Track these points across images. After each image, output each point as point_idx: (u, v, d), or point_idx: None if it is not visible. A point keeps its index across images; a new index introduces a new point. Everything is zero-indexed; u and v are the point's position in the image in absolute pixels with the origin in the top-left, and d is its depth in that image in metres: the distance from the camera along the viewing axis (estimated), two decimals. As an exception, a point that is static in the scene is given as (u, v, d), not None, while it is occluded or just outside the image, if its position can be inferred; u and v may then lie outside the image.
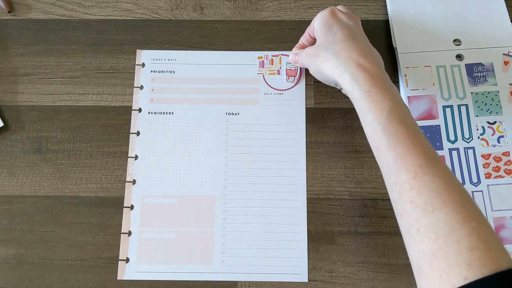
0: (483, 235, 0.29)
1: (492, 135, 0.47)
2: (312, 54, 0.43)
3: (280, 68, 0.51)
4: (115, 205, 0.47)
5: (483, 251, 0.28)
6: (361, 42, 0.40)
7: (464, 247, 0.29)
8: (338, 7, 0.45)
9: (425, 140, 0.35)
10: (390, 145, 0.34)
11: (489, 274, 0.27)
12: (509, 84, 0.48)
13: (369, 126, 0.36)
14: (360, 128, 0.49)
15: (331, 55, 0.40)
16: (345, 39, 0.40)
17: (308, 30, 0.47)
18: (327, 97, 0.50)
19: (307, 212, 0.46)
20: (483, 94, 0.48)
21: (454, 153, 0.47)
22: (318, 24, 0.43)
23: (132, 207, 0.47)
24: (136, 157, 0.48)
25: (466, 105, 0.48)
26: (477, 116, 0.48)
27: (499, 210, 0.45)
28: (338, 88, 0.45)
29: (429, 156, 0.33)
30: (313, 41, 0.47)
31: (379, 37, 0.52)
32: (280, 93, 0.50)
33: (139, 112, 0.50)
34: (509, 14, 0.50)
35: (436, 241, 0.30)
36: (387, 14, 0.52)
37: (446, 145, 0.47)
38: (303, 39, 0.48)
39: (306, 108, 0.50)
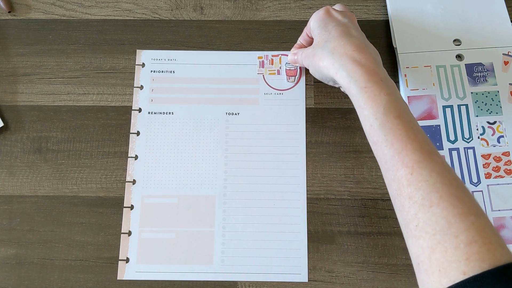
0: (481, 229, 0.29)
1: (492, 135, 0.47)
2: (310, 54, 0.43)
3: (280, 68, 0.51)
4: (115, 205, 0.47)
5: (481, 245, 0.28)
6: (356, 38, 0.40)
7: (462, 241, 0.29)
8: (335, 6, 0.45)
9: (422, 134, 0.35)
10: (387, 141, 0.34)
11: (488, 268, 0.27)
12: (509, 84, 0.48)
13: (366, 122, 0.36)
14: (360, 128, 0.49)
15: (327, 53, 0.40)
16: (340, 36, 0.40)
17: (305, 30, 0.47)
18: (327, 97, 0.50)
19: (307, 212, 0.46)
20: (483, 94, 0.48)
21: (454, 153, 0.47)
22: (314, 24, 0.43)
23: (132, 207, 0.47)
24: (136, 157, 0.48)
25: (466, 105, 0.48)
26: (477, 116, 0.48)
27: (499, 210, 0.45)
28: (337, 86, 0.45)
29: (426, 150, 0.33)
30: (311, 41, 0.47)
31: (379, 37, 0.52)
32: (280, 93, 0.50)
33: (139, 112, 0.50)
34: (509, 14, 0.50)
35: (434, 236, 0.30)
36: (387, 14, 0.52)
37: (446, 145, 0.47)
38: (301, 39, 0.48)
39: (306, 108, 0.50)
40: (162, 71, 0.51)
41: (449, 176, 0.32)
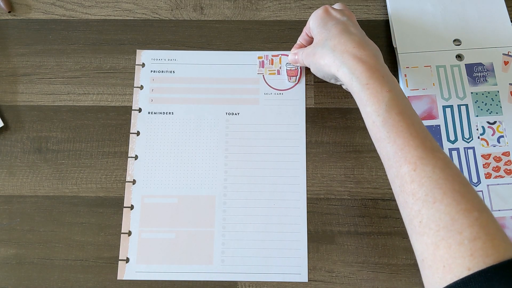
0: (485, 224, 0.29)
1: (492, 135, 0.47)
2: (310, 53, 0.43)
3: (280, 68, 0.51)
4: (115, 205, 0.47)
5: (485, 241, 0.28)
6: (356, 35, 0.40)
7: (466, 237, 0.29)
8: (334, 5, 0.46)
9: (424, 130, 0.35)
10: (389, 138, 0.34)
11: (492, 264, 0.27)
12: (509, 84, 0.48)
13: (369, 119, 0.36)
14: (360, 128, 0.49)
15: (327, 51, 0.40)
16: (340, 34, 0.40)
17: (305, 30, 0.47)
18: (327, 97, 0.50)
19: (307, 212, 0.46)
20: (483, 94, 0.48)
21: (454, 153, 0.47)
22: (313, 23, 0.43)
23: (132, 207, 0.47)
24: (136, 157, 0.48)
25: (466, 105, 0.48)
26: (477, 116, 0.48)
27: (499, 210, 0.45)
28: (339, 84, 0.45)
29: (428, 146, 0.33)
30: (311, 40, 0.47)
31: (379, 37, 0.52)
32: (280, 93, 0.50)
33: (139, 112, 0.50)
34: (509, 14, 0.50)
35: (438, 232, 0.30)
36: (387, 14, 0.52)
37: (446, 145, 0.47)
38: (301, 39, 0.48)
39: (306, 108, 0.50)
40: (162, 71, 0.51)
41: (452, 172, 0.32)
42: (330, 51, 0.39)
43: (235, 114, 0.49)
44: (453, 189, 0.31)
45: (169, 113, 0.50)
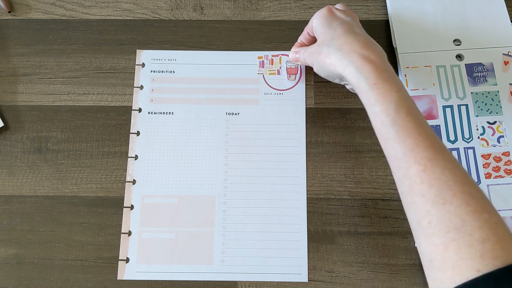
0: (494, 227, 0.29)
1: (492, 135, 0.47)
2: (315, 51, 0.43)
3: (280, 68, 0.51)
4: (115, 205, 0.47)
5: (495, 243, 0.28)
6: (361, 35, 0.40)
7: (476, 239, 0.29)
8: (336, 5, 0.46)
9: (431, 130, 0.35)
10: (398, 138, 0.34)
11: (501, 266, 0.27)
12: (509, 84, 0.48)
13: (377, 119, 0.36)
14: (360, 128, 0.49)
15: (333, 50, 0.40)
16: (345, 33, 0.40)
17: (306, 29, 0.47)
18: (327, 97, 0.50)
19: (307, 212, 0.46)
20: (483, 94, 0.48)
21: (454, 153, 0.47)
22: (317, 22, 0.43)
23: (132, 207, 0.47)
24: (136, 157, 0.48)
25: (466, 105, 0.48)
26: (477, 116, 0.48)
27: (499, 210, 0.45)
28: (343, 83, 0.45)
29: (437, 147, 0.33)
30: (312, 39, 0.47)
31: (379, 37, 0.52)
32: (280, 93, 0.50)
33: (139, 112, 0.50)
34: (509, 14, 0.50)
35: (448, 233, 0.30)
36: (387, 14, 0.52)
37: (446, 145, 0.47)
38: (302, 38, 0.48)
39: (306, 108, 0.50)
40: (162, 71, 0.51)
41: (461, 174, 0.32)
42: (336, 50, 0.39)
43: (235, 114, 0.49)
44: (463, 190, 0.31)
45: (169, 113, 0.50)
